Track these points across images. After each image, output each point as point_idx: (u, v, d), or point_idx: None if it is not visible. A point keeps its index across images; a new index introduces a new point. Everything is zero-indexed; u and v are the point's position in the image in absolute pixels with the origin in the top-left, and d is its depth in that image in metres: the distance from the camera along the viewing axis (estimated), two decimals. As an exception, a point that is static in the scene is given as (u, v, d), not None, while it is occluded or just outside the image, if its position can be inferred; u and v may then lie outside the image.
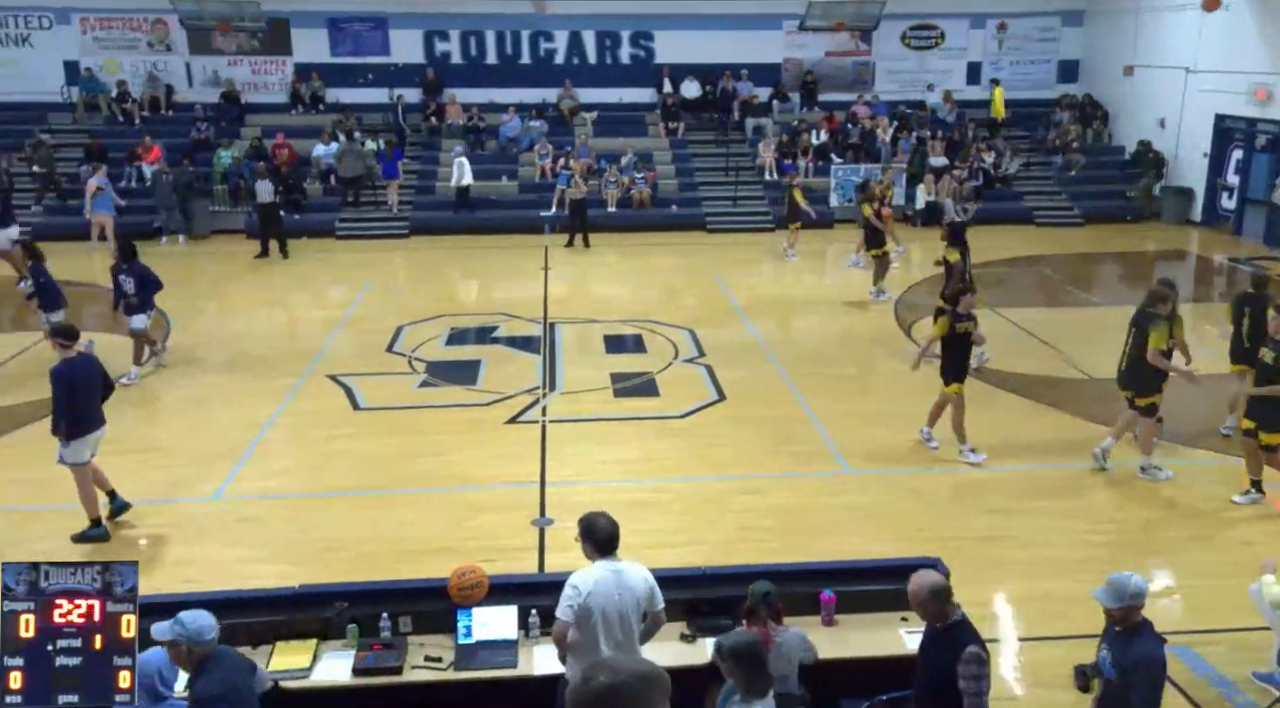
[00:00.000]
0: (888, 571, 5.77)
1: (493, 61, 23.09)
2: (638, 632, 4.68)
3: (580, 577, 4.61)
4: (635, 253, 18.53)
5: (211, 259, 17.88)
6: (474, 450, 9.38)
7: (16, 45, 21.82)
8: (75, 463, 7.44)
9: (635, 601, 4.64)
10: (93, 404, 7.52)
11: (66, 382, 7.31)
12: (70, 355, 7.46)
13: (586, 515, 4.81)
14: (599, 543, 4.69)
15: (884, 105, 23.19)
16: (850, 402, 10.81)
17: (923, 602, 4.49)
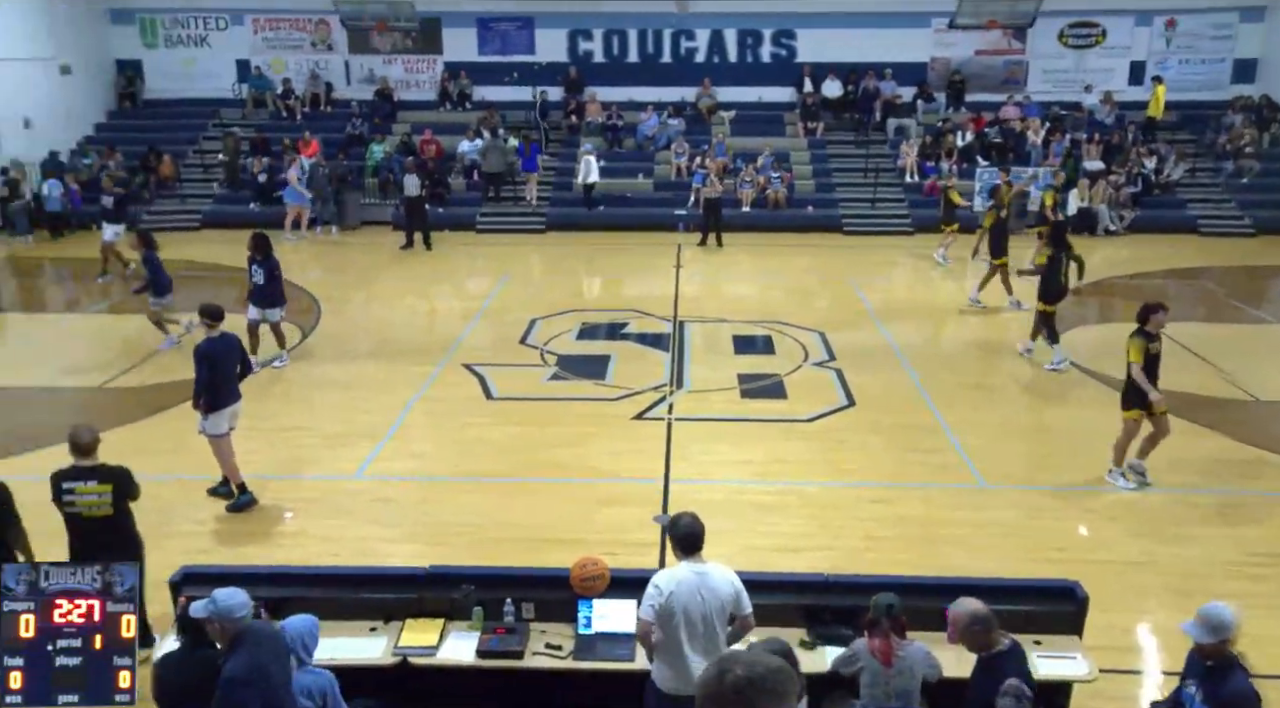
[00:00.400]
0: (1022, 591, 5.55)
1: (634, 60, 23.30)
2: (723, 635, 4.63)
3: (662, 576, 4.61)
4: (768, 253, 18.37)
5: (360, 249, 18.71)
6: (600, 444, 9.49)
7: (196, 45, 23.42)
8: (214, 434, 7.90)
9: (720, 604, 4.59)
10: (230, 380, 7.96)
11: (209, 359, 7.78)
12: (214, 335, 7.93)
13: (674, 515, 4.79)
14: (678, 541, 4.68)
15: (1036, 106, 22.21)
16: (988, 413, 10.40)
17: (964, 629, 4.34)
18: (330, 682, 4.61)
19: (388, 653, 5.25)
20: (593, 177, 20.11)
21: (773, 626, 5.43)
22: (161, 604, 5.89)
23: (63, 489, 5.80)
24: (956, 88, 22.88)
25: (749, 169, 20.66)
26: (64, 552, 5.93)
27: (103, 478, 5.84)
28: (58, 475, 5.85)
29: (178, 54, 23.43)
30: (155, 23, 23.27)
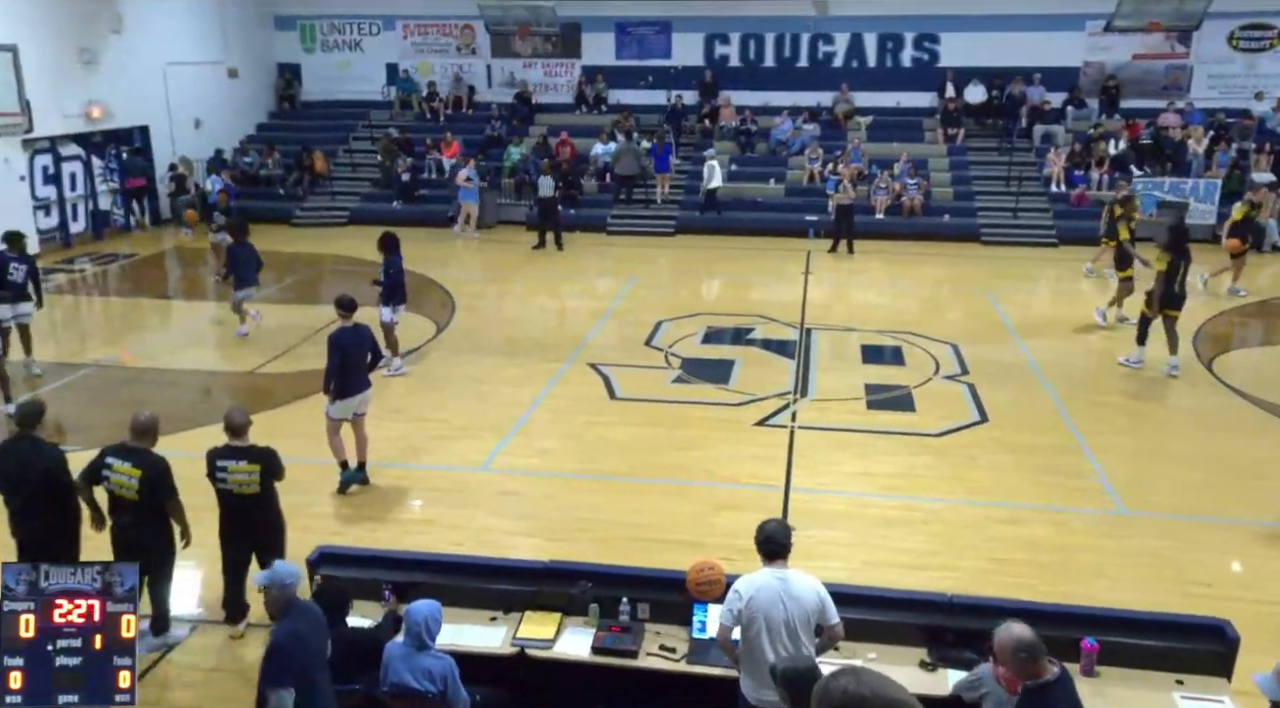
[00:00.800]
0: (1165, 626, 5.24)
1: (770, 64, 23.15)
2: (809, 645, 4.55)
3: (744, 582, 4.58)
4: (901, 262, 17.93)
5: (495, 247, 19.24)
6: (722, 448, 9.47)
7: (350, 49, 24.62)
8: (334, 417, 8.27)
9: (803, 612, 4.52)
10: (359, 370, 8.27)
11: (340, 348, 8.12)
12: (346, 325, 8.27)
13: (762, 521, 4.78)
14: (760, 545, 4.66)
15: (1199, 113, 20.90)
16: (1132, 436, 9.86)
17: (1009, 657, 4.05)
18: (451, 666, 4.77)
19: (506, 643, 5.39)
20: (715, 181, 20.09)
21: (891, 644, 5.31)
22: (299, 580, 6.22)
23: (216, 467, 6.19)
24: (1110, 93, 21.78)
25: (884, 176, 20.22)
26: (214, 525, 6.36)
27: (252, 458, 6.20)
28: (212, 453, 6.25)
29: (333, 58, 24.69)
30: (314, 28, 24.58)
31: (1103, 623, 5.26)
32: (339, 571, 5.78)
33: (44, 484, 6.09)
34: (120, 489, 6.01)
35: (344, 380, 8.18)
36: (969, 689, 4.66)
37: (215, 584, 6.57)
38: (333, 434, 8.36)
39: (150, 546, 6.08)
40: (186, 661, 6.26)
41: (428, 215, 20.88)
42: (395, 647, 4.82)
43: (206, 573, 6.97)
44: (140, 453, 6.05)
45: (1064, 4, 21.31)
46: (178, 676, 6.10)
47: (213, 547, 6.42)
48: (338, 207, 21.66)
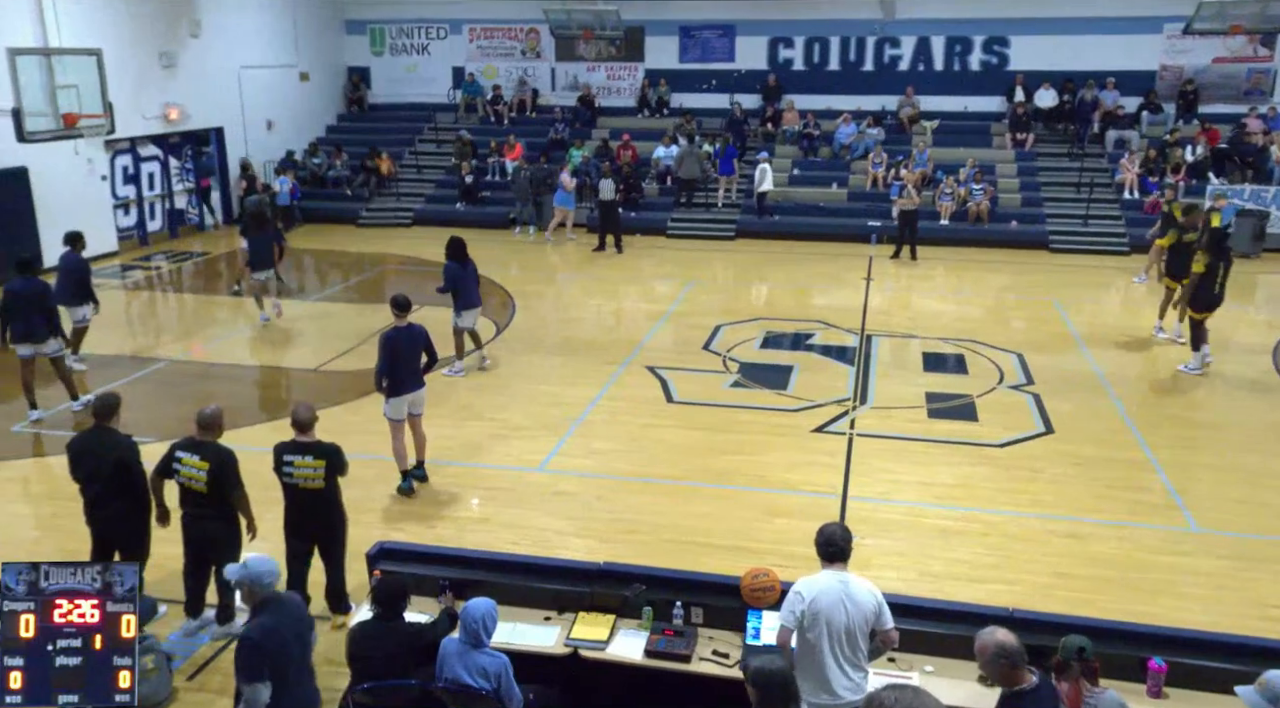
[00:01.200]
0: (1236, 648, 5.06)
1: (834, 68, 22.95)
2: (865, 649, 4.54)
3: (805, 583, 4.55)
4: (965, 269, 17.63)
5: (555, 249, 19.39)
6: (778, 454, 9.41)
7: (418, 53, 25.04)
8: (392, 419, 8.34)
9: (863, 616, 4.51)
10: (411, 369, 8.33)
11: (390, 346, 8.19)
12: (400, 324, 8.34)
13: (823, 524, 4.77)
14: (822, 546, 4.64)
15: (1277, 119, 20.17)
16: (1205, 452, 9.56)
17: (990, 661, 4.00)
18: (505, 664, 4.81)
19: (560, 643, 5.42)
20: (766, 185, 19.98)
21: (947, 658, 5.22)
22: (358, 575, 6.34)
23: (283, 461, 6.34)
24: (1188, 98, 21.14)
25: (949, 181, 19.90)
26: (280, 518, 6.51)
27: (318, 454, 6.33)
28: (279, 448, 6.41)
29: (401, 61, 25.13)
30: (383, 32, 25.05)
31: (1171, 643, 5.10)
32: (397, 566, 5.87)
33: (117, 473, 6.31)
34: (189, 481, 6.19)
35: (396, 379, 8.25)
36: (1029, 707, 4.56)
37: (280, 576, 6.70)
38: (396, 438, 8.41)
39: (218, 536, 6.26)
40: (249, 649, 6.40)
41: (490, 217, 21.14)
42: (451, 643, 4.88)
43: (270, 564, 7.13)
44: (207, 446, 6.23)
45: (1141, 6, 20.76)
46: (240, 664, 6.25)
47: (278, 539, 6.58)
48: (403, 207, 22.04)
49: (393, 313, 8.48)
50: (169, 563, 6.71)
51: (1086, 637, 4.48)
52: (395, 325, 8.38)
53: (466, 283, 11.44)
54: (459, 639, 4.86)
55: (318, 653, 6.34)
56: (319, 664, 6.19)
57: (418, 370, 8.41)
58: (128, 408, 6.72)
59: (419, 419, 8.56)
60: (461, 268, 11.37)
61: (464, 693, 4.77)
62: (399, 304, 8.46)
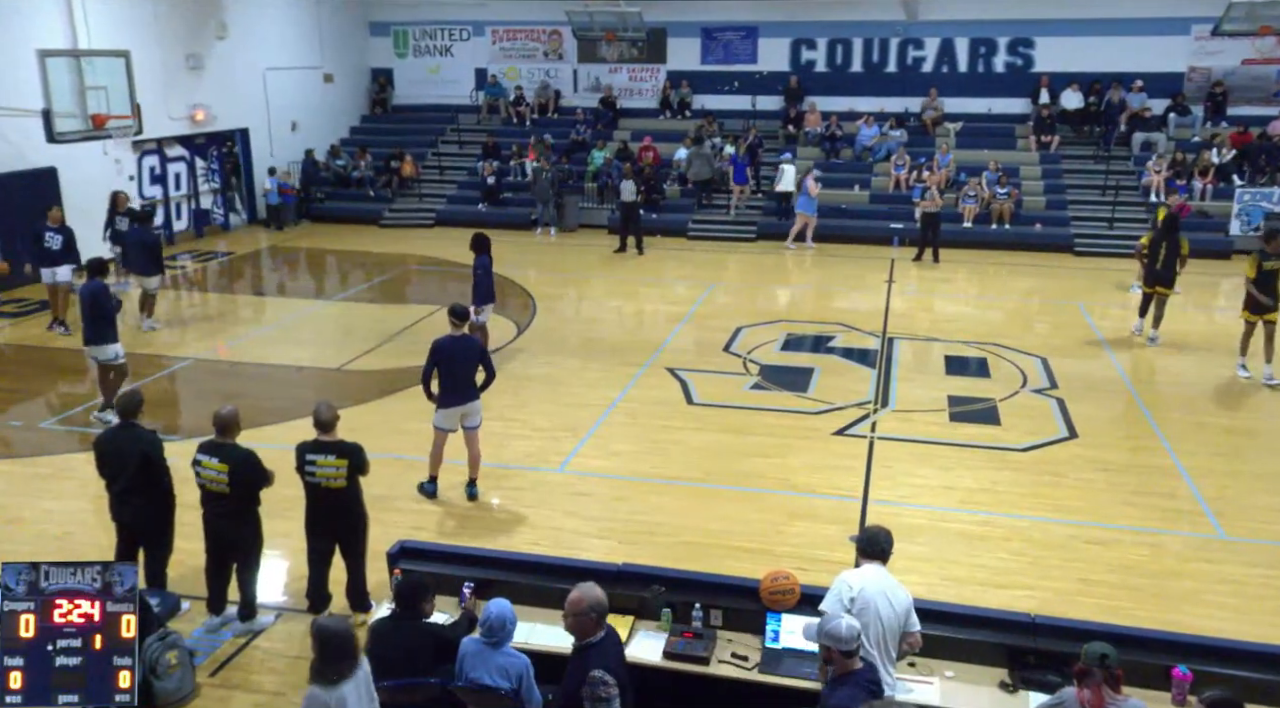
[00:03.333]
0: (1263, 657, 5.00)
1: (857, 69, 22.86)
2: (895, 650, 4.61)
3: (852, 573, 4.60)
4: (988, 272, 17.50)
5: (576, 250, 19.42)
6: (799, 457, 9.37)
7: (441, 55, 25.16)
8: (437, 427, 8.25)
9: (899, 612, 4.57)
10: (463, 380, 8.14)
11: (438, 352, 8.07)
12: (455, 333, 8.20)
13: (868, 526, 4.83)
14: (867, 543, 4.75)
15: (1312, 120, 19.92)
16: (1233, 458, 9.43)
17: (582, 612, 4.38)
18: (526, 665, 4.82)
19: (579, 644, 5.41)
20: (786, 185, 19.93)
21: (971, 663, 5.18)
22: (379, 574, 6.37)
23: (305, 460, 6.38)
24: (1217, 100, 20.89)
25: (972, 182, 19.76)
26: (301, 516, 6.55)
27: (340, 453, 6.35)
28: (301, 447, 6.44)
29: (424, 63, 25.26)
30: (407, 34, 25.19)
31: (1196, 651, 5.04)
32: (417, 565, 5.90)
33: (141, 469, 6.39)
34: (211, 484, 6.25)
35: (445, 388, 8.11)
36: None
37: (300, 575, 6.76)
38: (436, 444, 8.33)
39: (240, 536, 6.33)
40: (271, 647, 6.46)
41: (511, 218, 21.20)
42: (470, 643, 4.89)
43: (292, 564, 7.19)
44: (226, 447, 6.28)
45: (1168, 8, 20.55)
46: (262, 661, 6.30)
47: (299, 538, 6.62)
48: (425, 208, 22.14)
49: (450, 321, 8.26)
50: (190, 560, 6.78)
51: (1110, 644, 4.42)
52: (450, 334, 8.18)
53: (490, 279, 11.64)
54: (479, 640, 4.87)
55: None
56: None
57: (471, 382, 8.17)
58: (155, 406, 6.79)
59: (474, 434, 8.33)
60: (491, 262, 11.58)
61: (484, 693, 4.77)
62: (456, 313, 8.27)
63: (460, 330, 8.24)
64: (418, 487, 8.52)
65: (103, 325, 9.87)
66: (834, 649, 4.30)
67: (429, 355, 8.14)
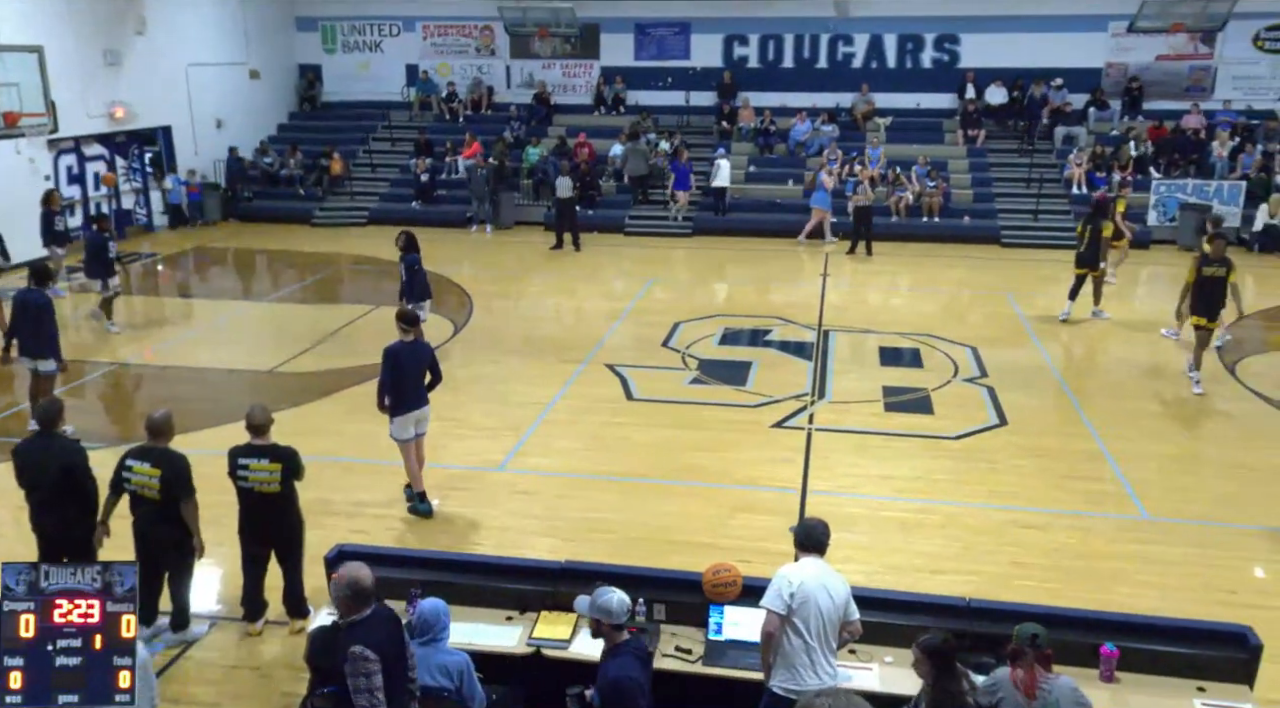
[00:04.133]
0: (1186, 633, 5.18)
1: (789, 65, 23.11)
2: (835, 640, 4.67)
3: (791, 568, 4.65)
4: (920, 264, 17.84)
5: (512, 248, 19.29)
6: (739, 451, 9.45)
7: (371, 50, 24.75)
8: (398, 439, 8.00)
9: (838, 605, 4.63)
10: (415, 386, 7.96)
11: (394, 360, 7.86)
12: (406, 339, 7.96)
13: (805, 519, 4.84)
14: (804, 537, 4.79)
15: (1233, 112, 20.71)
16: (1155, 442, 9.77)
17: (340, 589, 4.37)
18: (466, 662, 4.78)
19: (522, 643, 5.39)
20: (721, 180, 20.08)
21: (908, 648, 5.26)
22: (317, 579, 6.26)
23: (238, 464, 6.24)
24: (1133, 95, 21.60)
25: (893, 172, 20.09)
26: (235, 522, 6.40)
27: (273, 457, 6.23)
28: (234, 451, 6.30)
29: (353, 59, 24.83)
30: (335, 29, 24.73)
31: (1123, 629, 5.22)
32: (357, 569, 5.80)
33: (62, 479, 6.18)
34: (141, 489, 6.07)
35: (399, 396, 7.91)
36: (986, 694, 4.62)
37: (235, 582, 6.61)
38: (407, 458, 8.05)
39: (171, 543, 6.14)
40: (205, 657, 6.30)
41: (446, 215, 20.99)
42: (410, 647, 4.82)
43: (226, 570, 7.02)
44: (158, 452, 6.11)
45: (1086, 5, 21.17)
46: (196, 672, 6.15)
47: (232, 545, 6.47)
48: (357, 207, 21.79)
49: (399, 328, 8.01)
50: (121, 571, 6.56)
51: (1041, 624, 4.55)
52: (401, 340, 7.96)
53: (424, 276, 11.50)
54: (416, 643, 4.82)
55: (276, 657, 6.28)
56: (277, 669, 6.14)
57: (422, 388, 8.02)
58: (77, 414, 6.58)
59: (422, 440, 8.16)
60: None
61: (426, 695, 4.72)
62: (407, 319, 8.05)
63: (410, 336, 7.99)
64: (409, 510, 8.19)
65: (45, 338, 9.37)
66: (604, 623, 4.50)
67: (384, 365, 7.87)
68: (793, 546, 5.02)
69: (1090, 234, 13.64)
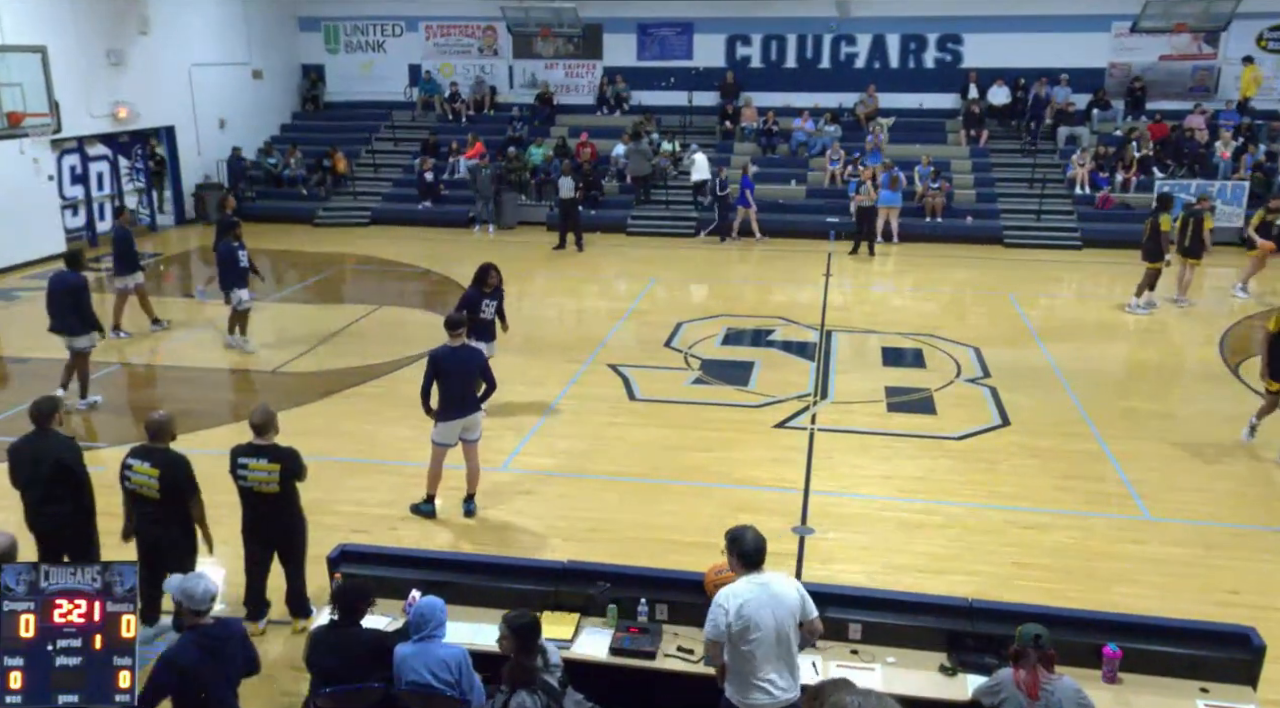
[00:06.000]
0: (1189, 633, 5.18)
1: (792, 65, 23.10)
2: (795, 644, 4.60)
3: (725, 594, 4.57)
4: (922, 264, 17.82)
5: (515, 248, 19.28)
6: (741, 451, 9.45)
7: (374, 50, 24.77)
8: (437, 443, 7.92)
9: (789, 612, 4.55)
10: (463, 392, 7.78)
11: (434, 365, 7.75)
12: (452, 344, 7.83)
13: (734, 528, 4.74)
14: (744, 555, 4.62)
15: (1234, 114, 20.67)
16: (1157, 442, 9.74)
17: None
18: (464, 654, 4.80)
19: (524, 642, 5.39)
20: (700, 175, 20.11)
21: (910, 648, 5.28)
22: (320, 579, 6.27)
23: (238, 463, 6.24)
24: (1136, 95, 21.57)
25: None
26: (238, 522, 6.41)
27: (273, 457, 6.22)
28: (235, 450, 6.30)
29: (356, 59, 24.85)
30: (338, 29, 24.75)
31: (1125, 629, 5.21)
32: (359, 569, 5.81)
33: (57, 476, 6.17)
34: (141, 488, 6.08)
35: (445, 402, 7.76)
36: (989, 694, 4.63)
37: (237, 582, 6.62)
38: (435, 461, 7.96)
39: (172, 543, 6.15)
40: (208, 656, 6.30)
41: (449, 216, 21.00)
42: (406, 648, 4.82)
43: (228, 571, 7.03)
44: (158, 452, 6.11)
45: (1090, 5, 21.15)
46: (199, 671, 6.14)
47: (236, 544, 6.48)
48: (360, 207, 21.80)
49: (446, 332, 7.87)
50: (123, 571, 6.57)
51: (1043, 625, 4.55)
52: (446, 344, 7.84)
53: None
54: (414, 641, 4.82)
55: (279, 657, 6.28)
56: (280, 669, 6.14)
57: (472, 393, 7.85)
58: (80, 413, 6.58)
59: (474, 447, 8.04)
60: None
61: (427, 695, 4.73)
62: (451, 323, 7.87)
63: (456, 341, 7.84)
64: (411, 508, 8.15)
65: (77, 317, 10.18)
66: (185, 606, 4.66)
67: (427, 368, 7.79)
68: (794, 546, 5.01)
69: (1151, 228, 14.08)
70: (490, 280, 10.19)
